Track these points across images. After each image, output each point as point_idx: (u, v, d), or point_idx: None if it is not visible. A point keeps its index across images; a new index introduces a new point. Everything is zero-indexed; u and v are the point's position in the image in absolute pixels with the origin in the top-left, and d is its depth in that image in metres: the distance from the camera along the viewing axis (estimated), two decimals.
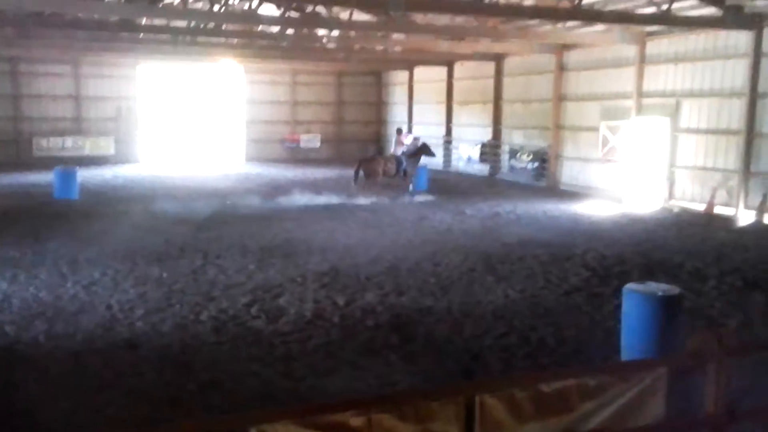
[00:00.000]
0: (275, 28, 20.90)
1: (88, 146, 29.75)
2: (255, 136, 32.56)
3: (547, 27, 19.68)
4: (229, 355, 6.83)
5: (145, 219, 15.20)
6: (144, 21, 21.15)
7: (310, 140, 33.27)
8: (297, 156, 32.62)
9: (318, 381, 6.17)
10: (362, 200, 18.34)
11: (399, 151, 20.23)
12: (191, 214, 15.99)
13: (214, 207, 17.22)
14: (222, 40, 23.78)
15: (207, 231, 13.70)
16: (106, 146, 30.12)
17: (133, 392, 5.92)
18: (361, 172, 19.24)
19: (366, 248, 12.03)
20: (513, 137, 24.71)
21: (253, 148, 32.55)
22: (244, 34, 21.67)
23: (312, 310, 8.25)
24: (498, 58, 24.83)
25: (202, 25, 20.59)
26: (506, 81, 24.93)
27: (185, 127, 32.27)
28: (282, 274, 10.03)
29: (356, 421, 2.65)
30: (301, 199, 18.98)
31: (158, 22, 22.32)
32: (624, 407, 2.96)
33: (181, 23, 20.91)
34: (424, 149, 20.38)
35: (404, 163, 19.73)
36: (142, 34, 22.59)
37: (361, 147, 33.72)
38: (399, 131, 21.41)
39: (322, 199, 18.75)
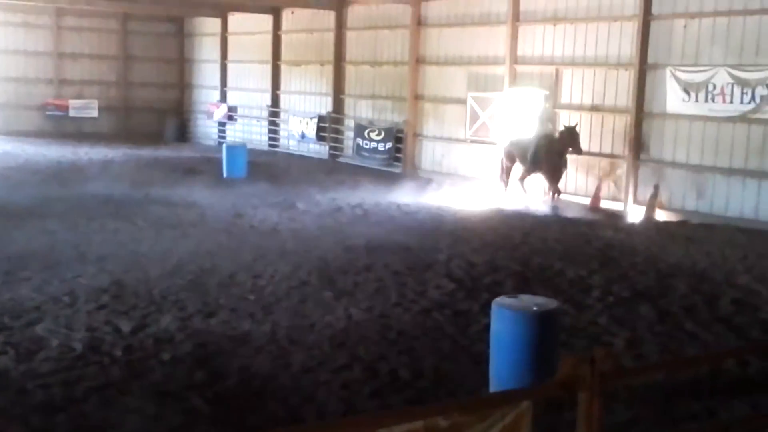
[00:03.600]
0: None
1: None
2: (1, 99, 30.64)
3: None
4: None
5: None
6: None
7: (84, 107, 31.90)
8: (65, 129, 31.16)
9: None
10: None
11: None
12: None
13: None
14: None
15: None
16: None
17: None
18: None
19: (162, 256, 11.76)
20: (359, 109, 25.16)
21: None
22: None
23: (84, 341, 7.93)
24: (339, 6, 25.20)
25: None
26: (350, 36, 25.35)
27: None
28: (40, 293, 9.57)
29: None
30: (72, 188, 18.16)
31: None
32: None
33: None
34: (571, 138, 17.22)
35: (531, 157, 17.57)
36: None
37: (158, 118, 32.86)
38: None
39: (102, 189, 18.06)
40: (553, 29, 18.88)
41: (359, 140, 24.40)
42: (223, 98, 31.48)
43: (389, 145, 23.45)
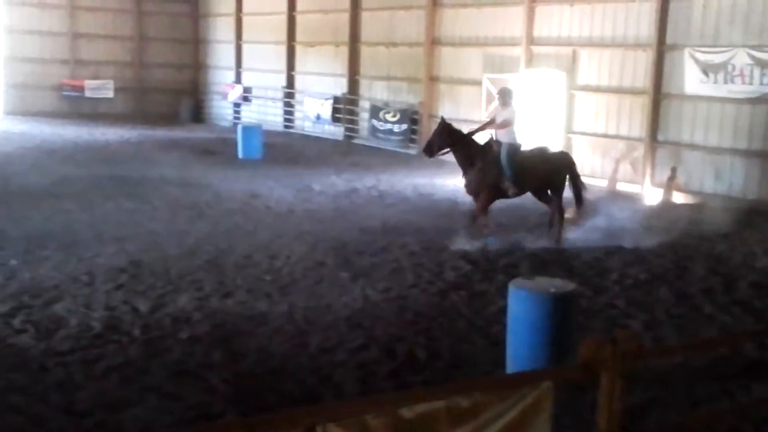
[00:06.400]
0: None
1: None
2: (18, 79, 30.78)
3: None
4: None
5: None
6: None
7: (100, 88, 31.95)
8: (81, 109, 31.25)
9: (111, 416, 6.01)
10: (172, 172, 17.92)
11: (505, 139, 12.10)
12: None
13: None
14: None
15: None
16: None
17: None
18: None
19: (179, 236, 11.84)
20: (375, 91, 25.09)
21: (16, 96, 30.79)
22: None
23: (103, 320, 8.00)
24: None
25: None
26: (365, 17, 25.24)
27: None
28: (59, 272, 9.66)
29: None
30: (88, 168, 18.27)
31: None
32: (504, 431, 3.14)
33: None
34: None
35: (506, 169, 11.85)
36: None
37: (173, 98, 32.91)
38: (504, 94, 12.41)
39: (118, 170, 18.16)
40: (570, 10, 18.74)
41: (374, 122, 24.36)
42: (238, 79, 31.45)
43: (404, 126, 23.41)
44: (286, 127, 28.72)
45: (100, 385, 6.53)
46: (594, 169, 18.37)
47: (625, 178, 17.65)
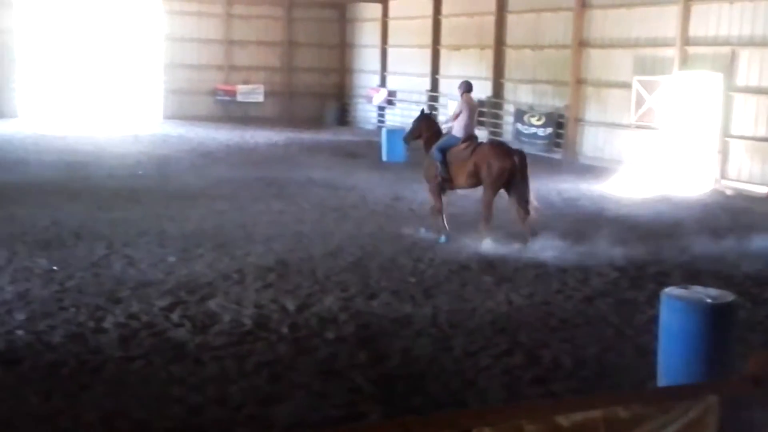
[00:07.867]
0: None
1: None
2: (176, 85, 32.28)
3: None
4: (142, 374, 6.81)
5: (26, 192, 15.00)
6: None
7: (251, 92, 33.11)
8: (233, 113, 32.47)
9: (261, 410, 6.19)
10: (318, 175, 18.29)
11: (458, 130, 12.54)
12: (89, 187, 15.86)
13: (120, 179, 17.06)
14: None
15: (111, 211, 13.60)
16: None
17: (8, 423, 5.86)
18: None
19: (324, 237, 12.08)
20: (519, 94, 24.84)
21: (174, 101, 32.29)
22: None
23: (253, 317, 8.25)
24: None
25: None
26: (511, 19, 25.03)
27: (82, 73, 31.73)
28: (212, 269, 10.03)
29: None
30: (239, 170, 18.95)
31: None
32: None
33: None
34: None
35: (435, 157, 12.46)
36: None
37: (320, 102, 33.69)
38: (465, 87, 13.45)
39: (267, 172, 18.73)
40: (730, 7, 17.92)
41: (519, 125, 24.10)
42: (383, 83, 31.87)
43: (549, 130, 23.05)
44: None
45: (251, 380, 6.74)
46: (752, 174, 17.52)
47: None
